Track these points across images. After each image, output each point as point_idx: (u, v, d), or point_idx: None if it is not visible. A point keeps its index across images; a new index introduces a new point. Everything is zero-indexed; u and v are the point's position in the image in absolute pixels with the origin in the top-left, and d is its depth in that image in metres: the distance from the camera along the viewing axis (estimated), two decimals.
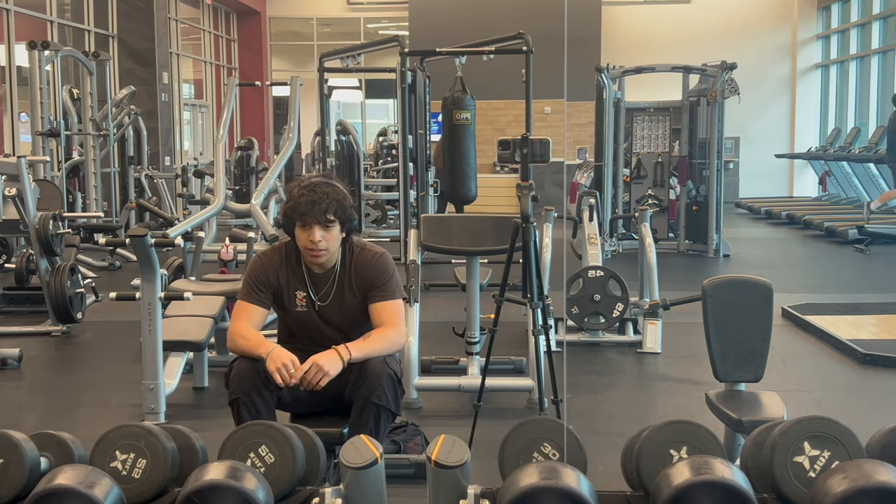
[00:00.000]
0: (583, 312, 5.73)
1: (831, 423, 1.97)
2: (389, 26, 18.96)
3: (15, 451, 1.98)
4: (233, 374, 2.97)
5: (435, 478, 1.94)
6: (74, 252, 7.18)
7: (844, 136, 14.14)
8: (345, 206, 3.04)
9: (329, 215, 3.00)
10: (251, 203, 6.80)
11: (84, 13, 13.20)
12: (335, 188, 3.06)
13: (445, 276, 7.54)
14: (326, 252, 3.06)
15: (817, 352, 5.74)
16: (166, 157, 13.93)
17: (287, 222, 3.07)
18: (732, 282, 3.19)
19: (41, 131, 9.10)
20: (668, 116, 10.42)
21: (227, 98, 7.04)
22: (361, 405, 2.95)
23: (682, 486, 1.81)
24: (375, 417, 2.94)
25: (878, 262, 9.60)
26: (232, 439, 2.12)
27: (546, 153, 3.89)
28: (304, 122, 9.21)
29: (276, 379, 2.88)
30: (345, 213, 3.04)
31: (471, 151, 7.72)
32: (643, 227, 6.28)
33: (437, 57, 8.49)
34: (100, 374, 5.45)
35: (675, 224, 10.30)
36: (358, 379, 2.97)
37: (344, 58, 9.98)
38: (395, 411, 3.00)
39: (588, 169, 11.76)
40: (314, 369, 2.90)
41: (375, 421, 2.94)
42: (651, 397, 5.00)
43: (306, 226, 3.01)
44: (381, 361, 2.98)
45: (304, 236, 3.03)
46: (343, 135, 11.57)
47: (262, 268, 3.14)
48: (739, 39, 16.19)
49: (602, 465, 3.49)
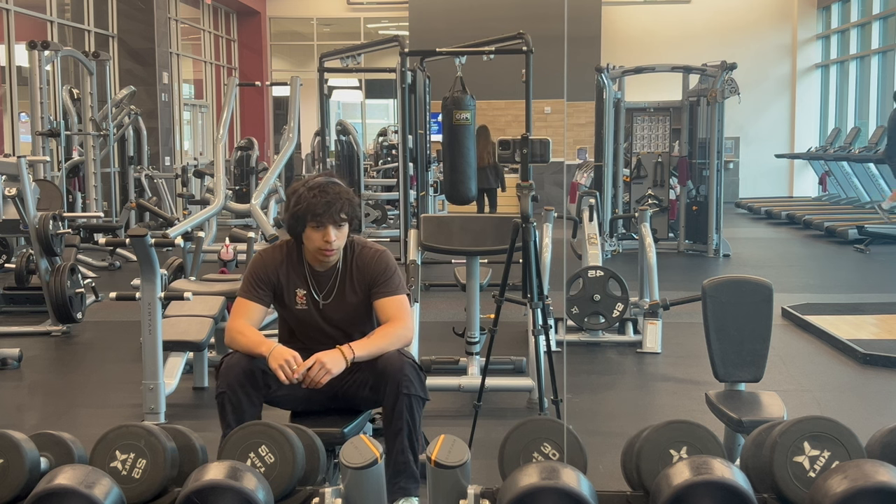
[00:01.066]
0: (583, 312, 5.73)
1: (831, 423, 1.97)
2: (389, 26, 18.96)
3: (15, 451, 1.98)
4: (222, 369, 2.97)
5: (435, 478, 1.94)
6: (74, 252, 7.19)
7: (844, 136, 14.14)
8: (353, 204, 3.07)
9: (342, 214, 3.02)
10: (251, 203, 6.80)
11: (84, 13, 13.20)
12: (342, 187, 3.08)
13: (445, 276, 7.54)
14: (338, 251, 3.07)
15: (817, 352, 5.74)
16: (166, 157, 13.93)
17: (296, 223, 3.05)
18: (732, 282, 3.19)
19: (41, 131, 9.10)
20: (668, 116, 10.43)
21: (227, 98, 7.04)
22: (392, 400, 2.91)
23: (682, 486, 1.81)
24: (409, 408, 2.90)
25: (878, 262, 9.60)
26: (232, 439, 2.12)
27: (546, 153, 3.89)
28: (304, 122, 9.22)
29: (279, 376, 2.87)
30: (354, 212, 3.06)
31: (471, 151, 7.71)
32: (643, 227, 6.28)
33: (437, 57, 8.48)
34: (100, 374, 5.45)
35: (675, 224, 10.30)
36: (379, 378, 2.95)
37: (344, 58, 9.98)
38: (424, 397, 2.98)
39: (588, 169, 11.76)
40: (317, 366, 2.89)
41: (409, 412, 2.90)
42: (651, 397, 5.00)
43: (321, 226, 3.00)
44: (397, 353, 2.97)
45: (317, 237, 3.02)
46: (343, 135, 11.58)
47: (262, 265, 3.14)
48: (739, 39, 16.19)
49: (602, 465, 3.49)
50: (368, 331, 3.12)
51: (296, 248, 3.14)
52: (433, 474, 1.93)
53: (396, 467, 2.89)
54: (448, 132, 7.73)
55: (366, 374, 3.01)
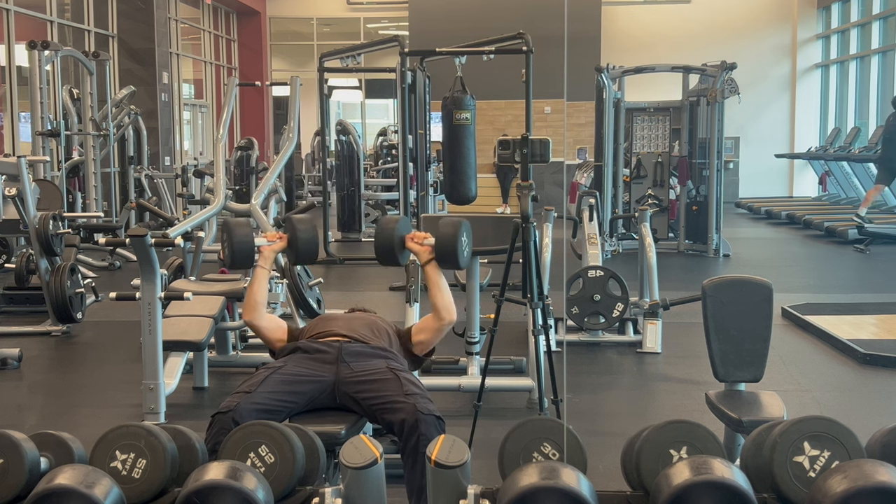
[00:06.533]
0: (583, 312, 5.73)
1: (831, 423, 1.97)
2: (389, 26, 18.96)
3: (15, 451, 1.98)
4: (213, 425, 2.83)
5: (435, 478, 1.94)
6: (74, 252, 7.18)
7: (844, 136, 14.14)
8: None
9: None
10: (251, 203, 6.79)
11: (84, 13, 13.19)
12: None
13: (445, 275, 7.53)
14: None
15: (817, 352, 5.74)
16: (166, 157, 13.93)
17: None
18: (732, 282, 3.19)
19: (41, 131, 9.10)
20: (668, 116, 10.43)
21: (227, 98, 7.02)
22: (412, 456, 2.81)
23: (682, 486, 1.81)
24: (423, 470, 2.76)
25: (878, 262, 9.60)
26: (232, 439, 2.12)
27: (546, 153, 3.89)
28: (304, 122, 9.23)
29: (266, 240, 3.33)
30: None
31: (471, 151, 7.71)
32: (643, 227, 6.27)
33: (437, 57, 8.48)
34: (100, 374, 5.45)
35: (675, 224, 10.30)
36: (401, 424, 2.86)
37: (344, 58, 9.98)
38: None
39: (588, 169, 11.76)
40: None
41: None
42: (651, 397, 5.00)
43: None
44: (425, 408, 2.85)
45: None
46: (343, 135, 11.58)
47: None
48: (739, 39, 16.19)
49: (602, 465, 3.50)
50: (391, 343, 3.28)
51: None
52: (433, 474, 1.94)
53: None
54: (448, 132, 7.72)
55: (390, 405, 2.91)
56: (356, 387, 2.98)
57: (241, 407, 2.80)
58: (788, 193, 16.98)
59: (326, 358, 3.05)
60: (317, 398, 2.99)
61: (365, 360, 3.05)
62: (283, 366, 3.04)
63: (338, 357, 3.04)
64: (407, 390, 2.91)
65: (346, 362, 3.03)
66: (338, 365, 3.02)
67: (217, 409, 2.85)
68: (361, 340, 3.14)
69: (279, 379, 2.96)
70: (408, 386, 2.94)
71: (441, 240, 3.26)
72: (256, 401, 2.85)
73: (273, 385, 2.93)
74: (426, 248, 3.31)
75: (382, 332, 3.26)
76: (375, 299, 7.36)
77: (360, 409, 2.98)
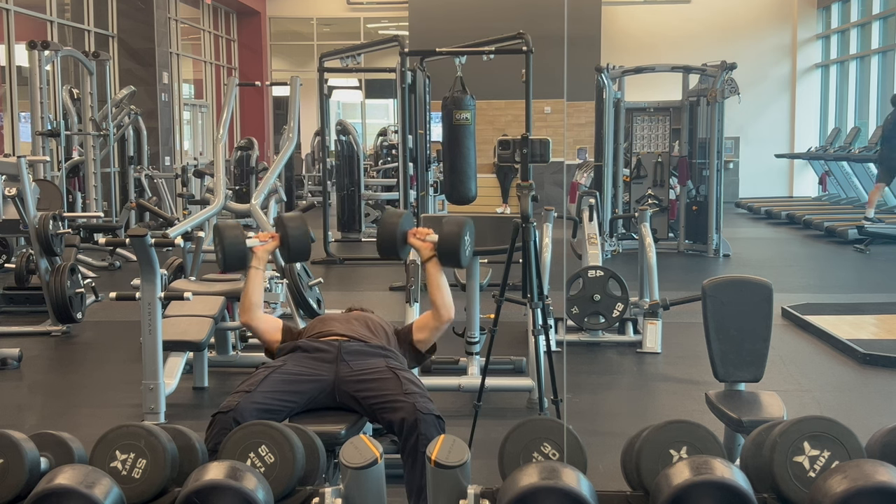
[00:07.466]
0: (583, 312, 5.73)
1: (831, 423, 1.97)
2: (389, 26, 18.96)
3: (15, 451, 1.98)
4: (214, 425, 2.83)
5: (435, 478, 1.94)
6: (74, 252, 7.18)
7: (844, 136, 14.14)
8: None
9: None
10: (251, 203, 6.79)
11: (84, 13, 13.19)
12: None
13: (445, 275, 7.52)
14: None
15: (817, 352, 5.74)
16: (166, 157, 13.93)
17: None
18: (732, 282, 3.19)
19: (41, 131, 9.10)
20: (668, 116, 10.42)
21: (227, 98, 7.02)
22: (412, 455, 2.81)
23: (682, 486, 1.81)
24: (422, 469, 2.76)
25: (878, 262, 9.60)
26: (232, 439, 2.12)
27: (546, 153, 3.89)
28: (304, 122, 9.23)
29: (259, 240, 3.33)
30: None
31: (471, 151, 7.71)
32: (643, 227, 6.27)
33: (437, 57, 8.48)
34: (100, 374, 5.45)
35: (675, 224, 10.30)
36: (400, 424, 2.87)
37: (344, 58, 9.98)
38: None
39: (588, 169, 11.76)
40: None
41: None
42: (651, 397, 5.00)
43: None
44: (424, 407, 2.86)
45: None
46: (343, 135, 11.57)
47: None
48: (739, 39, 16.18)
49: (602, 465, 3.50)
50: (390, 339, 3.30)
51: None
52: (433, 474, 1.93)
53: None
54: (448, 132, 7.72)
55: (390, 404, 2.91)
56: (356, 386, 2.98)
57: (241, 406, 2.80)
58: (788, 193, 16.98)
59: (326, 357, 3.05)
60: (317, 397, 2.99)
61: (364, 358, 3.05)
62: (282, 365, 3.04)
63: (337, 356, 3.04)
64: (406, 389, 2.91)
65: (346, 361, 3.03)
66: (337, 364, 3.02)
67: (217, 409, 2.86)
68: (360, 339, 3.14)
69: (279, 378, 2.97)
70: (407, 385, 2.94)
71: (445, 237, 3.26)
72: (257, 400, 2.85)
73: (273, 384, 2.94)
74: (428, 244, 3.31)
75: (380, 330, 3.27)
76: (375, 299, 7.36)
77: (359, 408, 2.98)
